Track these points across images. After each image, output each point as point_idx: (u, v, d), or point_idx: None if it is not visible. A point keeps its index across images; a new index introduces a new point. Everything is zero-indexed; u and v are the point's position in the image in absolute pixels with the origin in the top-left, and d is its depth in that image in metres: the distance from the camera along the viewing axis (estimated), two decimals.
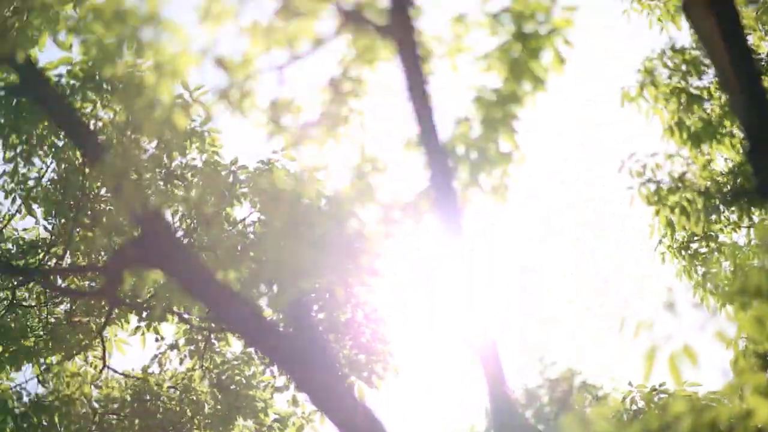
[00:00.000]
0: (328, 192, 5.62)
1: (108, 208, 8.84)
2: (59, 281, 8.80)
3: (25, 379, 9.17)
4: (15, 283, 8.89)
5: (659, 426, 4.11)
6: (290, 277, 5.76)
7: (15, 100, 8.00)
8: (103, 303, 8.93)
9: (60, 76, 8.06)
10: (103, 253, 8.92)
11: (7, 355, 9.16)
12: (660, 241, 8.97)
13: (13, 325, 9.20)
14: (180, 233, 7.63)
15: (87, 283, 8.89)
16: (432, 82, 5.41)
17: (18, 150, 8.42)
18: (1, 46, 4.95)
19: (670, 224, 8.25)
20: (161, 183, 7.83)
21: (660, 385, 8.81)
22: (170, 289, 7.89)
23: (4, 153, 8.54)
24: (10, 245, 9.20)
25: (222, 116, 5.74)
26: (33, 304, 9.48)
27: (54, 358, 9.33)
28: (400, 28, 4.93)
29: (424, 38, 5.39)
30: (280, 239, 5.74)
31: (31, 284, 9.19)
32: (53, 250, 9.16)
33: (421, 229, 5.62)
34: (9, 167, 8.66)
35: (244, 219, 8.80)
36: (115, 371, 9.35)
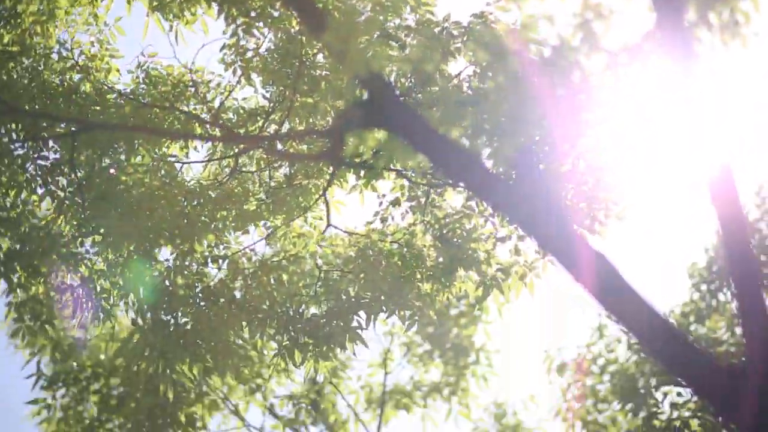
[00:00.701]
0: (552, 42, 5.51)
1: (326, 73, 8.93)
2: (279, 146, 8.96)
3: (253, 242, 9.46)
4: (237, 150, 9.09)
5: None
6: (512, 130, 5.74)
7: None
8: (322, 165, 9.09)
9: None
10: (322, 118, 9.05)
11: (231, 219, 9.43)
12: None
13: (237, 190, 9.45)
14: (399, 93, 7.63)
15: (307, 146, 9.03)
16: None
17: (238, 22, 8.57)
18: None
19: None
20: (378, 45, 7.83)
21: None
22: (394, 146, 7.97)
23: (226, 26, 8.71)
24: (231, 114, 9.41)
25: None
26: (254, 169, 9.69)
27: (278, 221, 9.58)
28: None
29: None
30: (503, 93, 5.70)
31: (252, 151, 9.39)
32: (272, 117, 9.32)
33: (649, 72, 5.51)
34: (229, 40, 8.83)
35: (459, 73, 8.76)
36: (339, 229, 9.54)
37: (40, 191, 8.78)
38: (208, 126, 9.01)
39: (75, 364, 14.56)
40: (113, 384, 14.13)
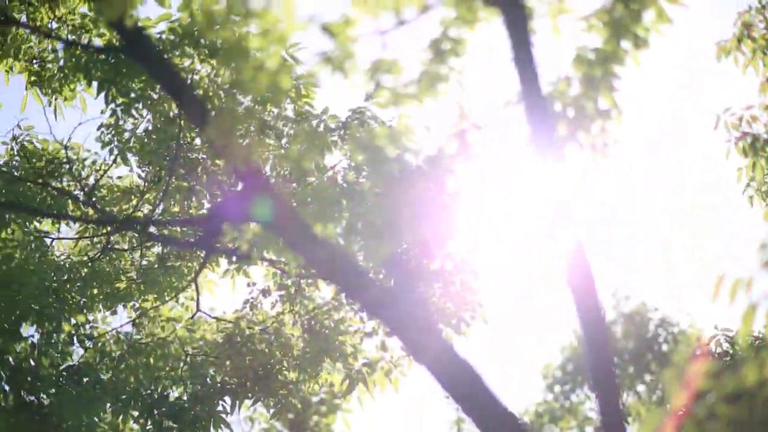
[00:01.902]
0: (427, 150, 5.66)
1: (203, 157, 8.99)
2: (153, 229, 8.97)
3: (120, 324, 9.42)
4: (109, 229, 9.07)
5: (758, 380, 4.12)
6: (388, 232, 5.86)
7: (112, 58, 8.17)
8: (195, 249, 9.11)
9: (160, 32, 8.20)
10: (197, 203, 9.09)
11: (101, 297, 9.38)
12: (748, 184, 8.97)
13: (107, 269, 9.41)
14: (275, 186, 7.73)
15: (180, 229, 9.05)
16: (533, 41, 5.45)
17: (117, 102, 8.59)
18: (109, 11, 5.04)
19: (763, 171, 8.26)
20: (256, 135, 7.94)
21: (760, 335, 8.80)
22: (269, 240, 8.02)
23: (105, 106, 8.73)
24: (105, 192, 9.39)
25: (321, 75, 5.82)
26: (126, 248, 9.67)
27: (148, 302, 9.55)
28: None
29: None
30: (379, 196, 5.82)
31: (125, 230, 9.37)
32: (147, 196, 9.33)
33: (519, 184, 5.68)
34: (107, 119, 8.85)
35: (334, 166, 8.89)
36: (208, 315, 9.55)
37: None
38: (81, 204, 8.96)
39: None
40: None
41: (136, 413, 9.24)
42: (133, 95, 8.60)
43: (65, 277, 9.17)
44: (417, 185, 5.70)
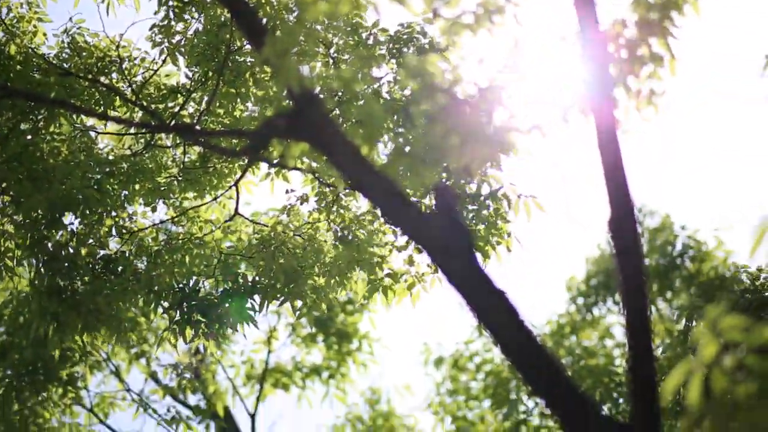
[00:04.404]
0: (480, 81, 5.75)
1: (251, 61, 9.07)
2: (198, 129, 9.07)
3: (160, 220, 9.59)
4: (154, 124, 9.19)
5: None
6: (434, 159, 5.98)
7: None
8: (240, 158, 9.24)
9: None
10: (242, 107, 9.21)
11: (142, 192, 9.54)
12: None
13: (150, 164, 9.56)
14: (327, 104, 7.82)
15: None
16: None
17: (170, 4, 8.68)
18: None
19: None
20: (310, 54, 8.05)
21: None
22: (316, 158, 8.15)
23: (158, 6, 8.82)
24: (152, 89, 9.51)
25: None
26: (169, 144, 9.80)
27: (188, 200, 9.72)
28: None
29: None
30: (427, 122, 5.92)
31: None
32: (193, 96, 9.45)
33: (567, 124, 5.77)
34: (160, 21, 8.93)
35: (380, 78, 8.97)
36: (246, 218, 9.71)
37: None
38: (128, 101, 9.09)
39: None
40: None
41: (166, 303, 9.46)
42: None
43: (107, 170, 9.32)
44: (467, 115, 5.80)
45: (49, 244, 9.04)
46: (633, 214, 5.14)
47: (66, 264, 9.09)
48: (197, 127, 8.60)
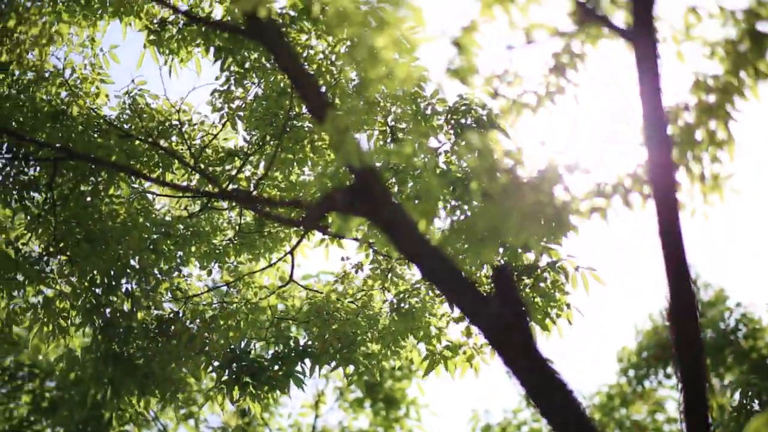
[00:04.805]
0: (540, 161, 5.75)
1: (308, 126, 9.12)
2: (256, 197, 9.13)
3: (215, 285, 9.63)
4: (212, 190, 9.25)
5: None
6: (493, 237, 5.96)
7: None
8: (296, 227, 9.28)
9: (282, 8, 8.34)
10: (299, 171, 9.25)
11: (198, 254, 9.59)
12: None
13: (206, 227, 9.61)
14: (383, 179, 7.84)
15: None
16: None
17: (232, 70, 8.77)
18: (244, 2, 5.16)
19: None
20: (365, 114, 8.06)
21: None
22: (374, 234, 8.15)
23: (220, 72, 8.91)
24: (209, 152, 9.58)
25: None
26: (225, 206, 9.85)
27: (243, 264, 9.75)
28: (641, 30, 5.02)
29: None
30: (486, 201, 5.91)
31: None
32: (250, 159, 9.50)
33: (630, 208, 5.74)
34: (220, 86, 9.03)
35: (438, 149, 8.98)
36: (300, 285, 9.73)
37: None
38: (186, 165, 9.16)
39: (11, 360, 14.61)
40: (48, 388, 14.21)
41: (216, 363, 9.47)
42: (248, 65, 8.77)
43: (163, 231, 9.38)
44: (527, 196, 5.79)
45: (107, 311, 9.10)
46: (694, 306, 5.08)
47: (122, 330, 9.14)
48: (254, 194, 8.64)
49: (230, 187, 9.34)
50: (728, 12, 5.49)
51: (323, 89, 8.11)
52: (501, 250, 8.07)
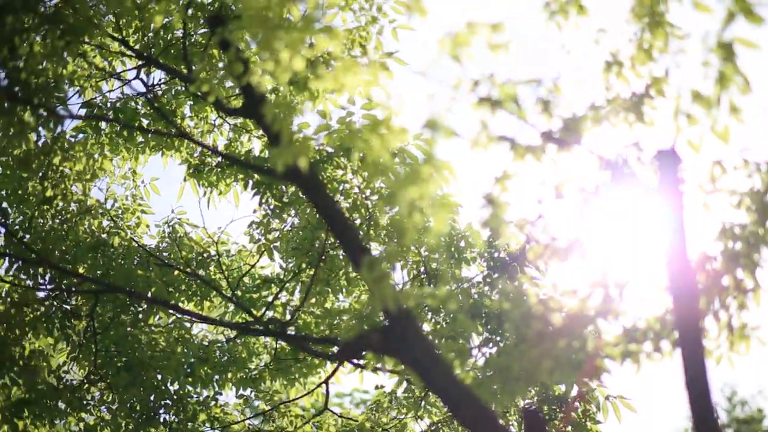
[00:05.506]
0: (571, 306, 5.88)
1: (343, 255, 9.28)
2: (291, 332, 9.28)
3: (252, 413, 9.74)
4: (248, 320, 9.42)
5: None
6: (525, 380, 6.07)
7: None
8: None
9: (319, 145, 8.57)
10: (334, 298, 9.42)
11: (234, 380, 9.72)
12: None
13: (243, 353, 9.76)
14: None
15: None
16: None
17: (270, 204, 8.99)
18: (284, 157, 5.35)
19: None
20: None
21: None
22: (409, 373, 8.28)
23: (258, 206, 9.12)
24: (246, 279, 9.76)
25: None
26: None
27: (279, 393, 9.87)
28: (666, 186, 5.19)
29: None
30: (520, 341, 6.03)
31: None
32: (286, 286, 9.67)
33: (661, 354, 5.83)
34: (258, 219, 9.24)
35: (471, 279, 9.12)
36: (335, 413, 9.82)
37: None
38: (224, 295, 9.33)
39: None
40: None
41: None
42: (285, 199, 8.97)
43: (201, 355, 9.53)
44: (559, 340, 5.91)
45: None
46: None
47: None
48: (290, 328, 8.80)
49: (266, 314, 9.51)
50: (753, 164, 5.64)
51: (357, 221, 8.30)
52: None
